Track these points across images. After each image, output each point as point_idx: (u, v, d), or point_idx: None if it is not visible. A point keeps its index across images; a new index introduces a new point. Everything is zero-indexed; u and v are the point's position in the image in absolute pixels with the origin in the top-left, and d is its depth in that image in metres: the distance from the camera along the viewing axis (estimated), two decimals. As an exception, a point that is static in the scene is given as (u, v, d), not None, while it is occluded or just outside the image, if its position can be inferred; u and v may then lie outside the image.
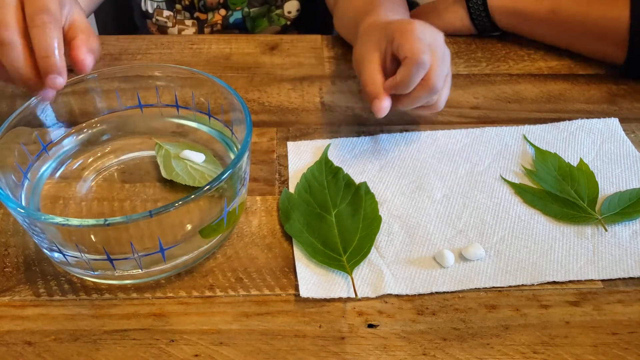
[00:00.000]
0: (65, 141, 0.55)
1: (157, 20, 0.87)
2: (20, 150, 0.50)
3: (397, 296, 0.45)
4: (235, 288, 0.46)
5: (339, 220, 0.50)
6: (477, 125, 0.62)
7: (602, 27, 0.61)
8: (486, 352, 0.42)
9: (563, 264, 0.48)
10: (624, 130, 0.61)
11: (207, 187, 0.42)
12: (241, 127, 0.49)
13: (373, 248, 0.49)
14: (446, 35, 0.76)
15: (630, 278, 0.47)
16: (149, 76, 0.56)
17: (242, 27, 0.88)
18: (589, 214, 0.51)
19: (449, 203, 0.53)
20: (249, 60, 0.71)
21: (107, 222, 0.40)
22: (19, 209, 0.41)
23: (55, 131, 0.54)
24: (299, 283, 0.46)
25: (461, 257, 0.48)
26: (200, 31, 0.88)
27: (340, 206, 0.51)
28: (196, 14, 0.87)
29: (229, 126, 0.54)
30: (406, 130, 0.61)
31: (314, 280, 0.46)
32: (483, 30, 0.73)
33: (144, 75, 0.56)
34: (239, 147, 0.48)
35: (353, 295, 0.45)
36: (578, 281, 0.47)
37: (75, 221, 0.40)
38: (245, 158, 0.46)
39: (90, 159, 0.55)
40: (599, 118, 0.62)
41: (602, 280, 0.47)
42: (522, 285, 0.46)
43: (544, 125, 0.61)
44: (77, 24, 0.51)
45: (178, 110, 0.57)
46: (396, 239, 0.50)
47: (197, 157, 0.54)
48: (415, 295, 0.46)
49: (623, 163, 0.57)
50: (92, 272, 0.45)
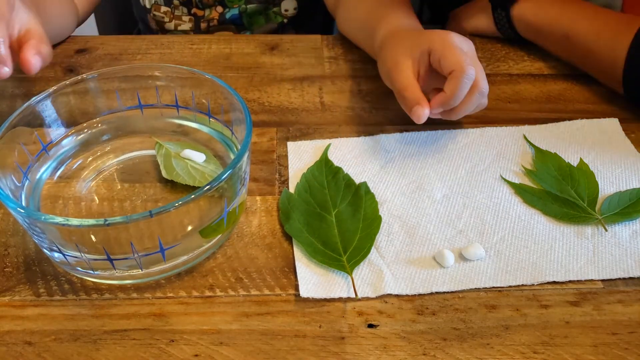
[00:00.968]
0: (65, 141, 0.55)
1: (154, 15, 0.87)
2: (20, 150, 0.50)
3: (397, 296, 0.45)
4: (235, 288, 0.46)
5: (339, 220, 0.50)
6: (477, 125, 0.62)
7: (605, 59, 0.62)
8: (486, 352, 0.42)
9: (563, 264, 0.48)
10: (624, 130, 0.61)
11: (207, 187, 0.42)
12: (241, 127, 0.49)
13: (373, 248, 0.49)
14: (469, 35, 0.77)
15: (630, 278, 0.47)
16: (149, 76, 0.56)
17: (239, 24, 0.88)
18: (589, 214, 0.51)
19: (449, 203, 0.53)
20: (249, 60, 0.71)
21: (107, 222, 0.40)
22: (19, 209, 0.41)
23: (55, 131, 0.54)
24: (299, 283, 0.46)
25: (461, 257, 0.48)
26: (197, 27, 0.88)
27: (341, 206, 0.51)
28: (193, 10, 0.87)
29: (229, 126, 0.54)
30: (406, 130, 0.61)
31: (314, 280, 0.46)
32: (509, 39, 0.74)
33: (144, 75, 0.56)
34: (239, 147, 0.48)
35: (353, 295, 0.45)
36: (578, 281, 0.47)
37: (75, 221, 0.40)
38: (245, 158, 0.46)
39: (90, 158, 0.55)
40: (599, 118, 0.62)
41: (602, 280, 0.47)
42: (522, 285, 0.46)
43: (544, 125, 0.61)
44: (32, 31, 0.55)
45: (178, 110, 0.57)
46: (396, 239, 0.50)
47: (198, 157, 0.54)
48: (415, 295, 0.46)
49: (623, 163, 0.57)
50: (92, 272, 0.45)
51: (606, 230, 0.50)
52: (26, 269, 0.47)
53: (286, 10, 0.89)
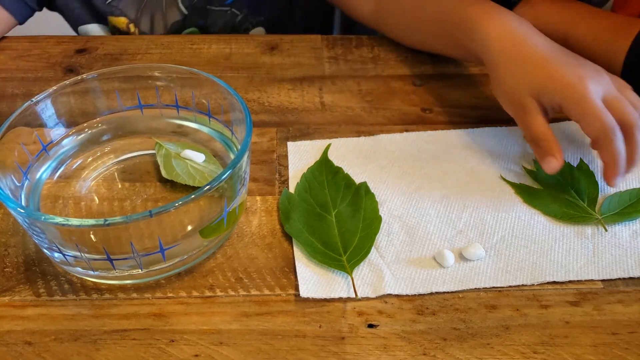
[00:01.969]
0: (65, 141, 0.55)
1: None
2: (20, 150, 0.50)
3: (397, 296, 0.45)
4: (235, 288, 0.46)
5: (339, 220, 0.50)
6: (477, 125, 0.62)
7: (603, 63, 0.62)
8: (486, 352, 0.42)
9: (563, 264, 0.48)
10: (624, 130, 0.61)
11: (207, 187, 0.42)
12: (241, 127, 0.49)
13: (373, 248, 0.49)
14: None
15: (630, 278, 0.47)
16: (149, 76, 0.56)
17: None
18: (589, 214, 0.51)
19: (449, 203, 0.53)
20: (249, 60, 0.71)
21: (107, 222, 0.40)
22: (19, 209, 0.41)
23: (55, 131, 0.54)
24: (299, 283, 0.46)
25: (461, 257, 0.48)
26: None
27: (340, 206, 0.51)
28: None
29: (229, 126, 0.54)
30: (406, 131, 0.61)
31: (314, 280, 0.46)
32: None
33: (144, 75, 0.56)
34: (239, 147, 0.48)
35: (353, 295, 0.45)
36: (578, 281, 0.47)
37: (75, 221, 0.40)
38: (245, 158, 0.46)
39: (90, 158, 0.55)
40: (599, 118, 0.62)
41: (602, 280, 0.47)
42: (522, 285, 0.46)
43: (544, 125, 0.61)
44: None
45: (178, 110, 0.57)
46: (396, 239, 0.50)
47: (198, 157, 0.54)
48: (415, 295, 0.46)
49: (623, 163, 0.57)
50: (92, 272, 0.45)
51: (606, 230, 0.50)
52: (26, 269, 0.47)
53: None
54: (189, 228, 0.45)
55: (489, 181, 0.55)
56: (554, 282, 0.46)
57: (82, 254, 0.43)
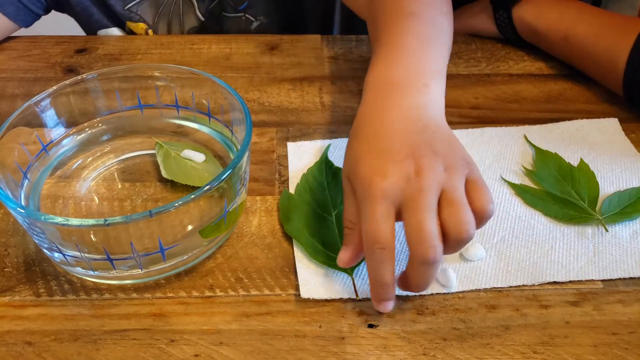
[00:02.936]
0: (65, 141, 0.55)
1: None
2: (20, 150, 0.50)
3: (397, 296, 0.45)
4: (235, 288, 0.46)
5: (339, 221, 0.50)
6: (477, 125, 0.62)
7: (605, 61, 0.62)
8: (486, 352, 0.42)
9: (563, 264, 0.48)
10: (624, 130, 0.61)
11: (207, 187, 0.42)
12: (241, 127, 0.49)
13: (373, 248, 0.48)
14: (469, 35, 0.74)
15: (631, 278, 0.47)
16: (149, 76, 0.56)
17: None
18: (589, 214, 0.51)
19: (449, 203, 0.53)
20: (249, 60, 0.71)
21: (107, 222, 0.40)
22: (19, 209, 0.41)
23: (55, 131, 0.54)
24: (300, 284, 0.46)
25: (461, 257, 0.48)
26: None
27: (341, 207, 0.51)
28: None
29: (229, 126, 0.54)
30: (406, 130, 0.60)
31: (314, 281, 0.46)
32: (510, 41, 0.73)
33: (144, 75, 0.56)
34: (239, 147, 0.48)
35: (353, 296, 0.45)
36: (578, 281, 0.47)
37: (75, 221, 0.40)
38: (245, 158, 0.46)
39: (90, 158, 0.55)
40: (599, 118, 0.62)
41: (602, 280, 0.47)
42: (523, 285, 0.46)
43: (544, 125, 0.61)
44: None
45: (178, 110, 0.57)
46: (396, 239, 0.49)
47: (198, 157, 0.54)
48: (415, 295, 0.46)
49: (623, 163, 0.57)
50: (92, 272, 0.45)
51: (607, 230, 0.50)
52: (26, 269, 0.47)
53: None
54: (189, 228, 0.45)
55: (489, 181, 0.55)
56: (554, 282, 0.46)
57: (82, 254, 0.43)
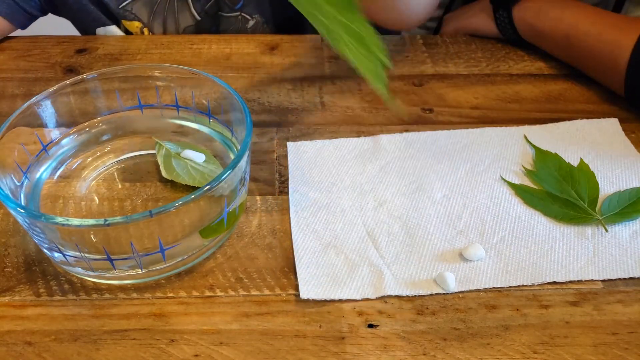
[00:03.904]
0: (65, 141, 0.55)
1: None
2: (20, 150, 0.50)
3: (397, 296, 0.45)
4: (235, 288, 0.46)
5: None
6: (477, 125, 0.62)
7: (606, 61, 0.62)
8: (486, 352, 0.42)
9: (563, 264, 0.48)
10: (624, 130, 0.61)
11: (207, 187, 0.42)
12: (241, 127, 0.49)
13: (373, 248, 0.49)
14: (469, 35, 0.74)
15: (631, 278, 0.47)
16: (149, 76, 0.56)
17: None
18: (589, 214, 0.51)
19: (449, 203, 0.53)
20: (249, 60, 0.71)
21: (107, 222, 0.40)
22: (19, 209, 0.41)
23: (55, 131, 0.54)
24: (300, 284, 0.46)
25: (461, 258, 0.48)
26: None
27: None
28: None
29: (229, 126, 0.54)
30: (406, 131, 0.61)
31: (314, 281, 0.46)
32: (510, 41, 0.73)
33: (144, 75, 0.56)
34: (239, 147, 0.48)
35: (353, 296, 0.45)
36: (578, 281, 0.47)
37: (75, 221, 0.40)
38: (245, 158, 0.46)
39: (89, 158, 0.55)
40: (599, 118, 0.62)
41: (602, 281, 0.47)
42: (523, 285, 0.46)
43: (544, 125, 0.61)
44: None
45: (178, 110, 0.57)
46: (396, 239, 0.50)
47: (198, 157, 0.54)
48: (415, 295, 0.46)
49: (623, 163, 0.57)
50: (92, 272, 0.45)
51: (607, 230, 0.50)
52: (26, 269, 0.47)
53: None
54: (189, 228, 0.45)
55: (489, 181, 0.55)
56: (554, 282, 0.46)
57: (82, 254, 0.43)
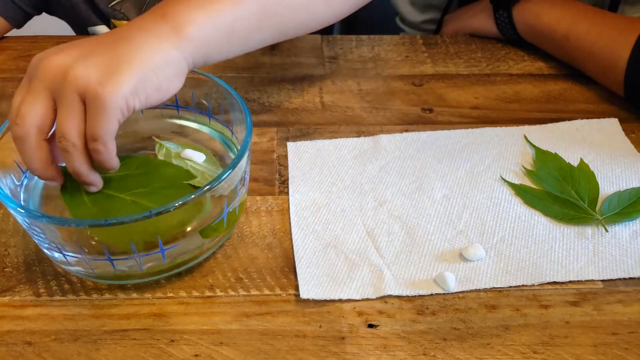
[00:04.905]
0: (65, 141, 0.55)
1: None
2: (20, 150, 0.50)
3: (397, 296, 0.45)
4: (235, 288, 0.46)
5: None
6: (477, 125, 0.62)
7: (606, 60, 0.62)
8: (486, 352, 0.42)
9: (563, 264, 0.48)
10: (624, 130, 0.61)
11: (207, 187, 0.42)
12: (241, 127, 0.49)
13: (373, 248, 0.49)
14: (469, 35, 0.74)
15: (631, 278, 0.47)
16: (149, 76, 0.56)
17: None
18: (589, 214, 0.51)
19: (449, 203, 0.53)
20: (249, 60, 0.71)
21: (107, 222, 0.40)
22: (19, 209, 0.41)
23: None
24: (300, 284, 0.46)
25: (461, 258, 0.48)
26: None
27: None
28: None
29: (229, 126, 0.54)
30: (406, 131, 0.61)
31: (314, 281, 0.46)
32: (510, 41, 0.73)
33: (144, 75, 0.56)
34: (239, 147, 0.48)
35: (353, 296, 0.45)
36: (578, 281, 0.47)
37: (75, 221, 0.40)
38: (245, 158, 0.46)
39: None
40: (599, 118, 0.62)
41: (602, 281, 0.47)
42: (523, 285, 0.46)
43: (544, 125, 0.61)
44: None
45: (178, 110, 0.57)
46: (396, 239, 0.50)
47: (198, 157, 0.53)
48: (415, 295, 0.46)
49: (623, 163, 0.57)
50: (92, 272, 0.45)
51: (607, 230, 0.50)
52: (26, 269, 0.47)
53: None
54: (189, 228, 0.45)
55: (489, 181, 0.55)
56: (554, 282, 0.46)
57: (82, 254, 0.43)
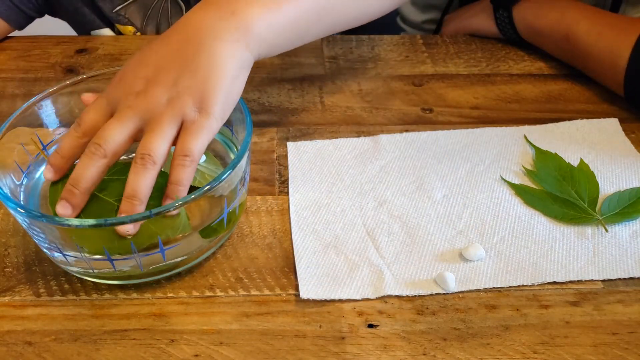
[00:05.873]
0: (65, 141, 0.55)
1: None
2: (20, 150, 0.50)
3: (397, 296, 0.45)
4: (235, 288, 0.46)
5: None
6: (477, 125, 0.62)
7: (606, 60, 0.62)
8: (486, 352, 0.42)
9: (563, 264, 0.48)
10: (624, 130, 0.61)
11: (207, 187, 0.42)
12: (241, 127, 0.49)
13: (373, 248, 0.49)
14: (469, 35, 0.74)
15: (631, 278, 0.47)
16: (149, 76, 0.56)
17: None
18: (589, 214, 0.51)
19: (449, 203, 0.53)
20: (249, 60, 0.71)
21: (107, 222, 0.40)
22: (19, 209, 0.41)
23: (55, 131, 0.54)
24: (300, 284, 0.46)
25: (461, 258, 0.48)
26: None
27: None
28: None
29: (229, 126, 0.54)
30: (406, 131, 0.61)
31: (314, 281, 0.46)
32: (511, 41, 0.73)
33: (144, 75, 0.56)
34: (239, 147, 0.48)
35: (353, 296, 0.45)
36: (578, 281, 0.47)
37: (75, 221, 0.40)
38: (245, 158, 0.46)
39: (90, 159, 0.55)
40: (599, 118, 0.62)
41: (602, 281, 0.47)
42: (523, 285, 0.46)
43: (544, 125, 0.61)
44: None
45: (178, 110, 0.57)
46: (396, 239, 0.50)
47: (198, 157, 0.53)
48: (415, 295, 0.46)
49: (623, 163, 0.57)
50: (92, 272, 0.45)
51: (607, 230, 0.50)
52: (26, 269, 0.47)
53: None
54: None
55: (489, 181, 0.55)
56: (554, 282, 0.46)
57: (82, 254, 0.43)
